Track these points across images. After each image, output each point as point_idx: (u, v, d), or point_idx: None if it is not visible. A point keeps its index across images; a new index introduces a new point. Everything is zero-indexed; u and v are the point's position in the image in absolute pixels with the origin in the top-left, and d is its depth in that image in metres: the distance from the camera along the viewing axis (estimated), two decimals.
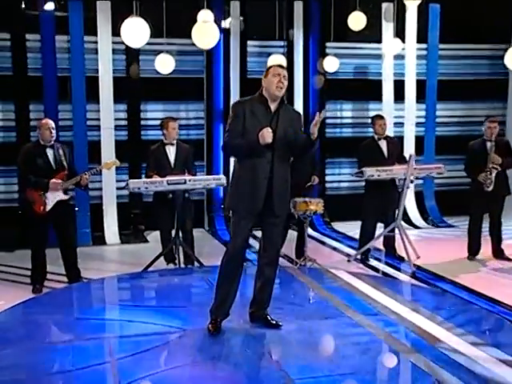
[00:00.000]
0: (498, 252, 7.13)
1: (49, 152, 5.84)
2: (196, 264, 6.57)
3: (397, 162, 6.93)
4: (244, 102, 4.26)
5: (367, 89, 9.71)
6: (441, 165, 7.21)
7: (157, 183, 6.21)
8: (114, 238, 8.47)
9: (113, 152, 8.39)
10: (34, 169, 5.74)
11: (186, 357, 3.92)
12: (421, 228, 9.44)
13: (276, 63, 4.38)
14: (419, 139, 9.88)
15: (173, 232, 6.50)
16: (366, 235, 7.05)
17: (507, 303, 5.26)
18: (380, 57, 9.64)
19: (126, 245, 8.37)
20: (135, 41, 6.09)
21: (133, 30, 6.00)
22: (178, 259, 6.51)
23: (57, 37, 8.21)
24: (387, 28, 9.47)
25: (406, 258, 6.72)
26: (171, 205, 6.43)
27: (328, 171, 9.76)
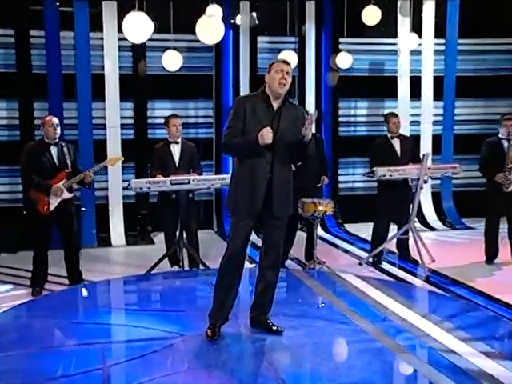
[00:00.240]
0: None
1: (53, 150, 5.82)
2: (201, 267, 6.50)
3: (411, 162, 6.81)
4: (245, 99, 4.19)
5: (382, 86, 9.59)
6: (456, 164, 7.07)
7: (160, 183, 6.15)
8: (120, 240, 8.44)
9: (119, 151, 8.31)
10: (38, 167, 5.73)
11: (181, 364, 3.85)
12: (438, 230, 9.30)
13: (279, 59, 4.26)
14: (436, 138, 9.73)
15: (177, 233, 6.44)
16: (379, 237, 6.94)
17: None
18: (395, 53, 9.50)
19: (132, 246, 8.34)
20: (137, 36, 6.03)
21: (135, 25, 5.93)
22: (182, 261, 6.45)
23: (62, 33, 8.19)
24: (403, 22, 9.33)
25: (420, 262, 6.59)
26: (175, 205, 6.37)
27: (341, 171, 9.65)
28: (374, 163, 6.79)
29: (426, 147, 9.48)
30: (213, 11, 7.11)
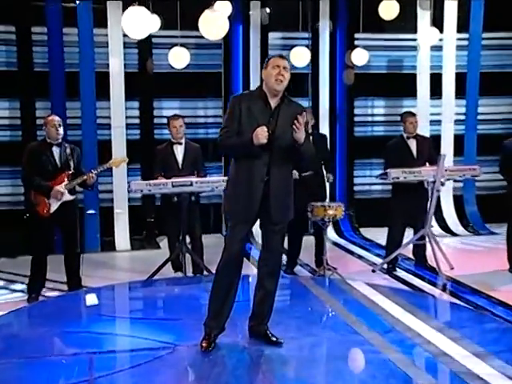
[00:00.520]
0: None
1: (55, 151, 5.79)
2: (205, 273, 6.42)
3: (428, 164, 6.69)
4: (241, 97, 4.10)
5: (400, 84, 9.49)
6: (476, 166, 6.90)
7: (161, 185, 6.12)
8: (125, 244, 8.42)
9: (124, 152, 8.29)
10: (39, 168, 5.70)
11: (171, 376, 3.76)
12: (459, 236, 9.13)
13: (276, 54, 4.16)
14: (459, 138, 9.58)
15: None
16: (393, 243, 6.82)
17: None
18: (415, 48, 9.36)
19: (137, 251, 8.32)
20: (138, 32, 5.97)
21: (135, 21, 5.87)
22: (185, 267, 6.38)
23: (64, 29, 8.19)
24: (423, 16, 9.17)
25: (437, 269, 6.44)
26: (177, 209, 6.30)
27: (357, 173, 9.53)
28: (389, 164, 6.68)
29: (447, 148, 9.35)
30: (221, 6, 7.04)
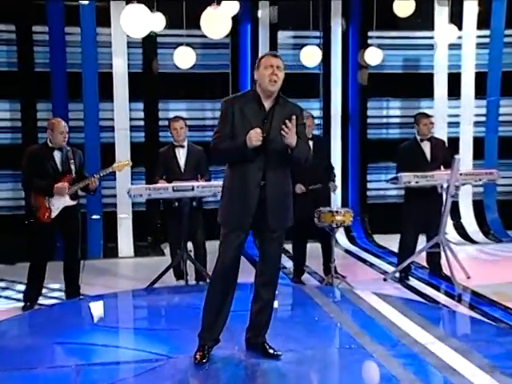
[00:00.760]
0: None
1: (56, 154, 5.77)
2: (208, 281, 6.35)
3: (444, 167, 6.61)
4: (233, 100, 4.04)
5: (417, 84, 9.40)
6: (494, 170, 6.79)
7: (161, 190, 6.06)
8: (128, 251, 8.39)
9: (128, 155, 8.27)
10: (39, 172, 5.68)
11: None
12: (479, 243, 8.98)
13: (268, 52, 4.09)
14: (478, 141, 9.47)
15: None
16: (406, 250, 6.76)
17: None
18: (432, 47, 9.27)
19: (141, 258, 8.29)
20: (137, 31, 5.95)
21: (134, 19, 5.85)
22: (186, 275, 6.33)
23: (66, 28, 8.20)
24: (440, 12, 9.06)
25: (452, 278, 6.33)
26: (179, 214, 6.25)
27: (370, 177, 9.43)
28: (401, 168, 6.62)
29: (466, 151, 9.26)
30: (226, 4, 6.99)
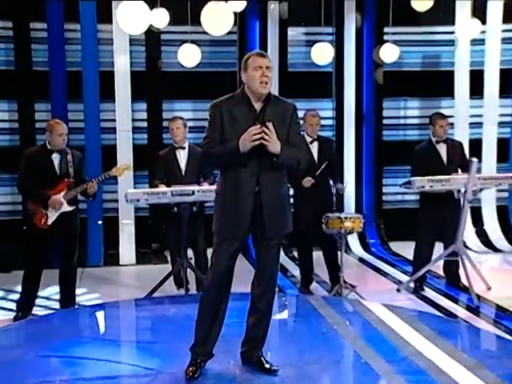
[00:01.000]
0: None
1: (55, 157, 5.75)
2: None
3: (461, 171, 6.55)
4: (221, 103, 3.99)
5: (436, 82, 9.30)
6: None
7: (159, 194, 6.05)
8: (130, 258, 8.39)
9: (131, 158, 8.27)
10: (36, 176, 5.68)
11: None
12: (504, 252, 8.87)
13: (254, 52, 4.00)
14: (503, 142, 9.38)
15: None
16: (421, 259, 6.67)
17: None
18: (453, 42, 9.18)
19: (143, 265, 8.27)
20: (133, 27, 5.94)
21: (130, 15, 5.84)
22: (186, 284, 6.30)
23: (66, 25, 8.19)
24: (462, 6, 8.90)
25: (470, 289, 6.24)
26: (178, 220, 6.22)
27: (386, 181, 9.32)
28: (416, 171, 6.57)
29: (490, 153, 9.18)
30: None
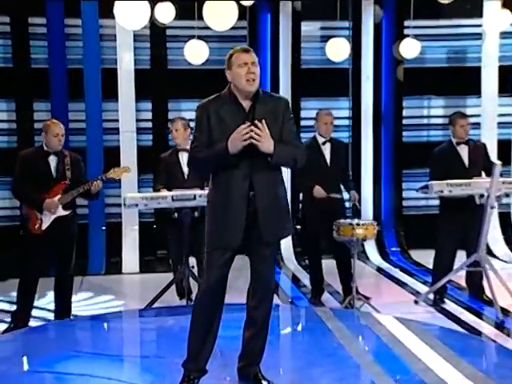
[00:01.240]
0: None
1: (51, 160, 5.74)
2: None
3: (485, 174, 6.46)
4: (207, 104, 3.92)
5: (462, 79, 9.26)
6: None
7: (159, 199, 6.02)
8: (133, 266, 8.41)
9: (134, 160, 8.33)
10: (31, 178, 5.67)
11: None
12: None
13: (238, 48, 3.92)
14: None
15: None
16: (441, 269, 6.59)
17: None
18: (480, 36, 9.12)
19: (146, 274, 8.27)
20: (132, 22, 5.92)
21: (129, 9, 5.81)
22: (188, 293, 6.23)
23: (66, 20, 8.24)
24: None
25: (494, 302, 6.14)
26: (179, 226, 6.18)
27: (406, 185, 9.25)
28: (434, 175, 6.50)
29: None
30: None
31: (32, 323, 5.82)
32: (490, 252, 8.47)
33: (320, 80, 8.84)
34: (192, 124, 6.54)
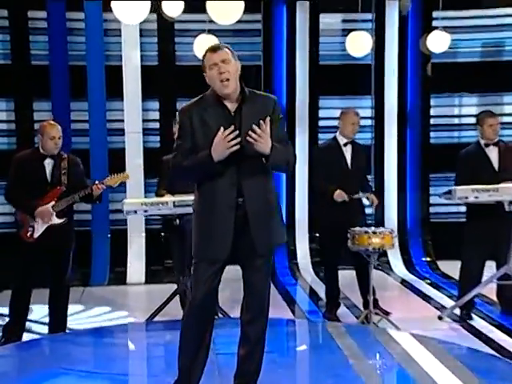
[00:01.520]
0: None
1: (47, 163, 5.73)
2: (220, 315, 6.22)
3: None
4: (190, 107, 3.88)
5: (498, 75, 9.12)
6: None
7: (159, 205, 6.01)
8: (138, 276, 8.43)
9: (141, 163, 8.34)
10: (26, 183, 5.66)
11: None
12: None
13: (207, 48, 3.83)
14: None
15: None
16: (468, 281, 6.51)
17: None
18: None
19: (153, 285, 8.27)
20: (130, 15, 5.91)
21: (128, 2, 5.81)
22: None
23: (68, 14, 8.27)
24: None
25: None
26: (181, 233, 6.16)
27: (434, 190, 9.13)
28: (460, 179, 6.43)
29: None
30: None
31: (26, 337, 5.82)
32: None
33: (340, 77, 8.83)
34: None
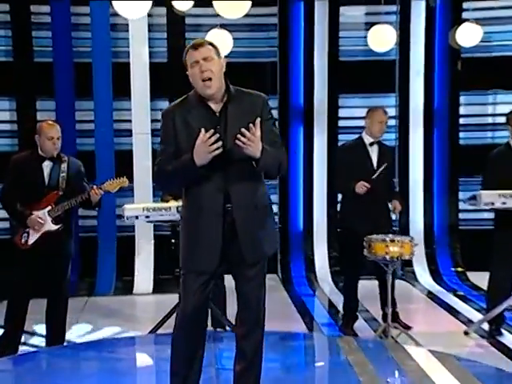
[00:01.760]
0: None
1: (46, 165, 5.72)
2: (228, 327, 6.19)
3: None
4: (173, 109, 3.86)
5: None
6: None
7: (162, 210, 5.98)
8: (146, 285, 8.44)
9: (149, 165, 8.26)
10: (22, 186, 5.66)
11: None
12: None
13: (191, 44, 3.76)
14: None
15: None
16: (498, 293, 6.44)
17: None
18: None
19: (161, 295, 8.24)
20: (131, 9, 5.88)
21: None
22: None
23: (73, 8, 8.30)
24: None
25: None
26: None
27: (464, 195, 9.01)
28: (488, 183, 6.37)
29: None
30: None
31: (22, 350, 5.82)
32: None
33: (362, 74, 8.77)
34: None
